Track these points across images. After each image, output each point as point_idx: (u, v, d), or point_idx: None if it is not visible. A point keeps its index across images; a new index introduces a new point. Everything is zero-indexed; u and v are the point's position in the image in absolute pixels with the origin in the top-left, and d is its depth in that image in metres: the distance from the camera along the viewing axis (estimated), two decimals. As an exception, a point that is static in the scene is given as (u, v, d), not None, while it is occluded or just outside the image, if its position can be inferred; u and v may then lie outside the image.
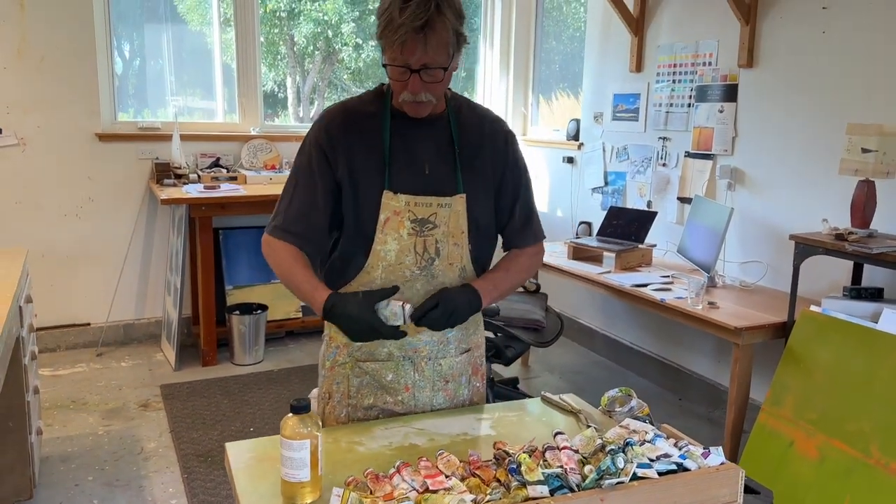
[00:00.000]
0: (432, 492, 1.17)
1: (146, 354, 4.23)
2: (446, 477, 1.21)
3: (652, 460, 1.24)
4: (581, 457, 1.28)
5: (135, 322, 4.41)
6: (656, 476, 1.20)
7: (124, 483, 2.84)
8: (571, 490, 1.17)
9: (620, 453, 1.22)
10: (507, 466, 1.24)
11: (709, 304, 3.02)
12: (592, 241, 3.83)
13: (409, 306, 1.47)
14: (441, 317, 1.49)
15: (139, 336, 4.42)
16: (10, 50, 3.91)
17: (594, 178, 4.38)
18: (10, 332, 2.17)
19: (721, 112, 3.50)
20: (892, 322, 2.38)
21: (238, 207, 4.03)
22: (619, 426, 1.38)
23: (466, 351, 1.71)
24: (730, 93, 3.45)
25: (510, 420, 1.56)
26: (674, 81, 3.78)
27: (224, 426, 3.32)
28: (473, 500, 1.13)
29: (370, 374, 1.63)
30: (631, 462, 1.21)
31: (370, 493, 1.18)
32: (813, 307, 2.66)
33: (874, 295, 2.67)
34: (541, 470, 1.19)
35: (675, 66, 3.76)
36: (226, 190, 4.02)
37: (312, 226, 1.58)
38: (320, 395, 1.71)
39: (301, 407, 1.20)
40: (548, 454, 1.28)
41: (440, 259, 1.59)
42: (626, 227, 3.78)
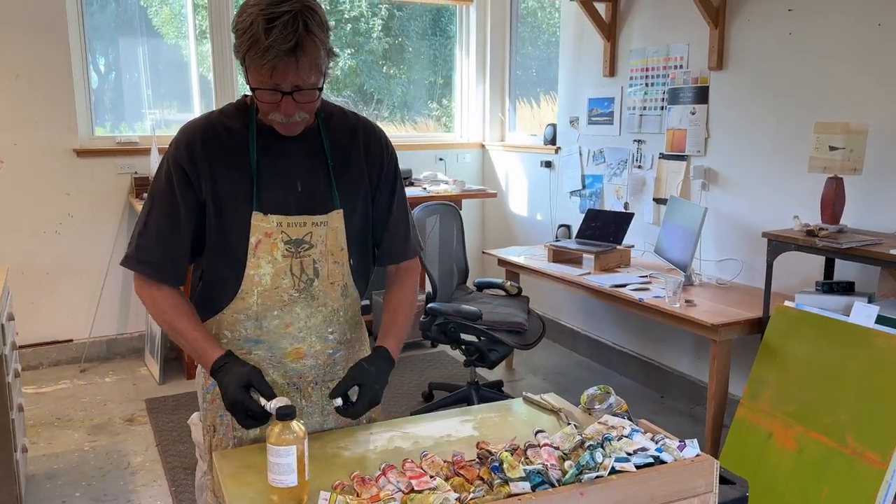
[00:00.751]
0: (417, 492, 1.20)
1: (130, 369, 4.22)
2: (431, 477, 1.24)
3: (629, 454, 1.28)
4: (561, 453, 1.31)
5: (117, 337, 4.40)
6: (634, 469, 1.24)
7: (112, 498, 2.84)
8: (552, 485, 1.20)
9: (599, 448, 1.26)
10: (489, 465, 1.27)
11: (686, 302, 3.07)
12: (572, 243, 3.89)
13: (275, 405, 1.35)
14: (366, 407, 1.44)
15: (122, 351, 4.41)
16: (-15, 68, 3.90)
17: (572, 181, 4.43)
18: (-6, 350, 2.17)
19: (693, 114, 3.57)
20: (864, 315, 2.45)
21: (219, 219, 4.03)
22: (598, 422, 1.42)
23: None
24: (701, 95, 3.53)
25: (493, 421, 1.60)
26: (646, 85, 3.85)
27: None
28: (458, 499, 1.16)
29: None
30: (609, 457, 1.24)
31: (357, 495, 1.21)
32: (787, 302, 2.73)
33: (845, 289, 2.74)
34: (522, 467, 1.22)
35: (647, 69, 3.83)
36: (206, 202, 4.02)
37: (174, 254, 1.48)
38: (205, 427, 1.60)
39: (286, 414, 1.22)
40: (529, 452, 1.31)
41: (319, 279, 1.52)
42: (604, 228, 3.84)
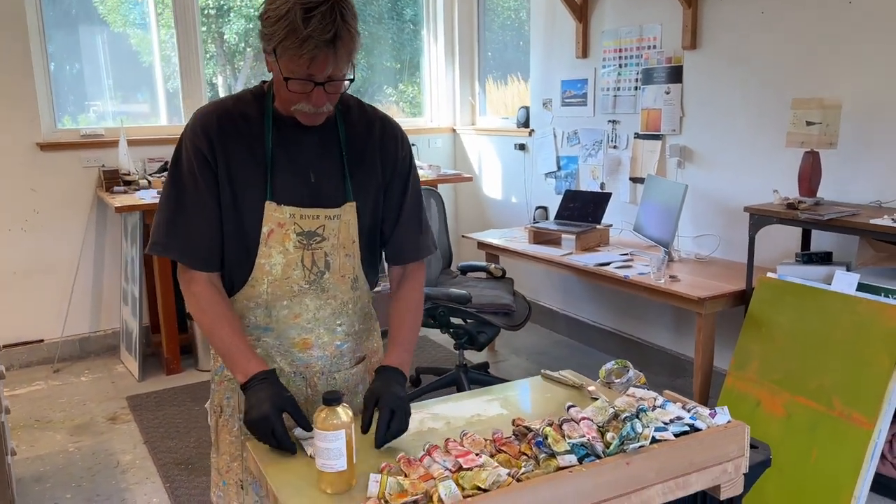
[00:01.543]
0: (466, 469, 1.21)
1: (106, 367, 4.12)
2: (476, 455, 1.26)
3: (666, 423, 1.32)
4: (597, 426, 1.34)
5: (90, 335, 4.29)
6: (673, 437, 1.28)
7: (105, 497, 2.79)
8: (598, 457, 1.23)
9: (636, 419, 1.30)
10: (531, 441, 1.30)
11: (670, 277, 3.15)
12: (552, 224, 3.93)
13: (301, 434, 1.37)
14: (401, 429, 1.39)
15: (96, 349, 4.31)
16: (-60, 60, 3.74)
17: (547, 163, 4.48)
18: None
19: (668, 93, 3.64)
20: (845, 283, 2.55)
21: (193, 211, 3.96)
22: (626, 395, 1.45)
23: (361, 360, 1.64)
24: (675, 74, 3.59)
25: (517, 399, 1.62)
26: (620, 66, 3.90)
27: (199, 433, 3.28)
28: (509, 474, 1.18)
29: None
30: (648, 427, 1.28)
31: (405, 476, 1.22)
32: (770, 274, 2.82)
33: (824, 259, 2.84)
34: (567, 441, 1.25)
35: (620, 50, 3.88)
36: (180, 194, 3.94)
37: (201, 239, 1.46)
38: (212, 407, 1.61)
39: (333, 399, 1.22)
40: (565, 426, 1.34)
41: (330, 272, 1.51)
42: (583, 209, 3.90)
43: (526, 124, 4.63)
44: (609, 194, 3.87)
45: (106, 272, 4.29)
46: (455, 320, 3.30)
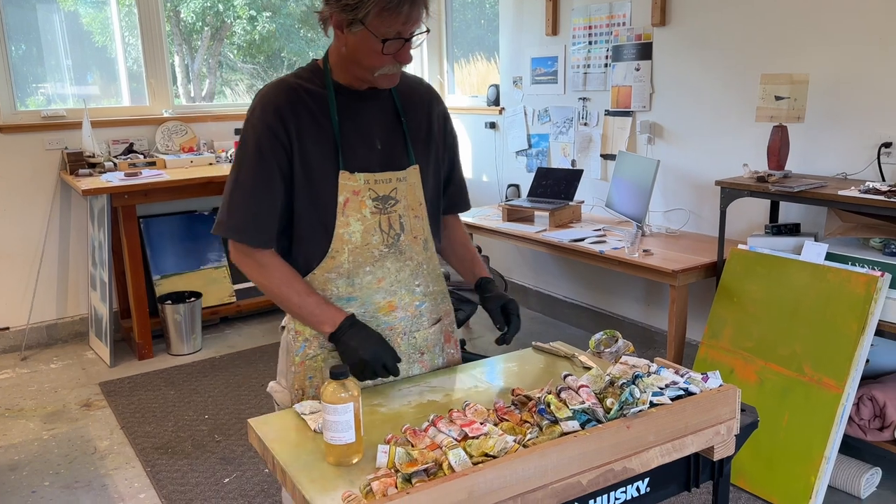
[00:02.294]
0: (472, 438, 1.24)
1: (75, 354, 4.05)
2: (480, 424, 1.29)
3: (661, 388, 1.36)
4: (594, 394, 1.38)
5: (58, 322, 4.21)
6: (669, 402, 1.33)
7: (85, 484, 2.76)
8: (600, 422, 1.27)
9: (633, 385, 1.34)
10: (533, 409, 1.33)
11: (643, 251, 3.21)
12: (525, 201, 3.97)
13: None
14: (518, 325, 1.65)
15: (64, 336, 4.22)
16: None
17: (517, 141, 4.50)
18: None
19: (638, 70, 3.69)
20: (814, 253, 2.63)
21: (162, 194, 3.90)
22: (620, 363, 1.49)
23: (438, 321, 1.72)
24: (645, 51, 3.64)
25: (513, 370, 1.65)
26: (590, 43, 3.93)
27: (177, 416, 3.26)
28: (515, 441, 1.21)
29: None
30: (645, 392, 1.32)
31: (412, 446, 1.24)
32: (741, 245, 2.89)
33: (792, 230, 2.93)
34: (570, 407, 1.28)
35: (590, 27, 3.91)
36: (148, 176, 3.87)
37: (266, 218, 1.50)
38: (292, 391, 1.61)
39: (340, 373, 1.23)
40: (563, 394, 1.37)
41: (405, 234, 1.58)
42: (555, 186, 3.93)
43: (496, 102, 4.64)
44: (581, 171, 3.92)
45: (72, 257, 4.19)
46: (433, 298, 3.31)
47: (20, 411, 3.37)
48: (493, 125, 4.69)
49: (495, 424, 1.30)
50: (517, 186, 4.48)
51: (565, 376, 1.45)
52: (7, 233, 3.99)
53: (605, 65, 3.86)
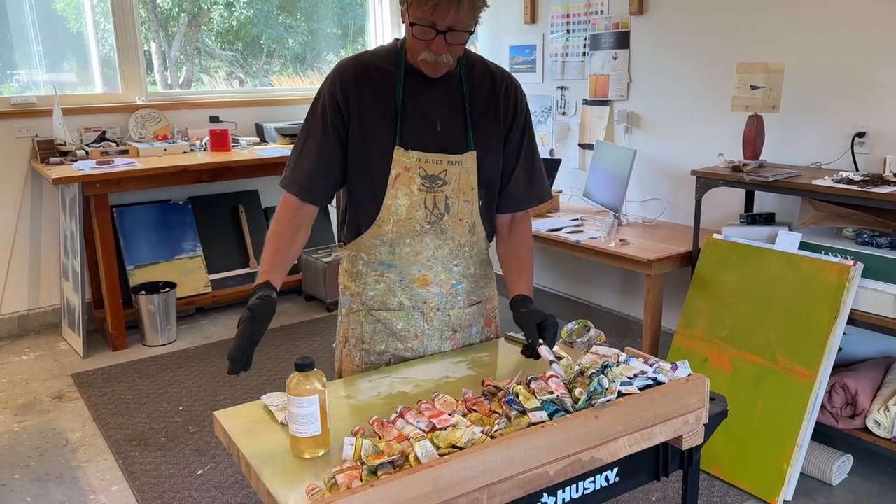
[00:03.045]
0: (440, 429, 1.23)
1: (47, 345, 3.99)
2: (448, 415, 1.27)
3: (630, 378, 1.36)
4: (563, 384, 1.37)
5: (29, 312, 4.14)
6: (638, 391, 1.32)
7: (56, 476, 2.72)
8: (567, 412, 1.26)
9: (602, 375, 1.33)
10: (502, 399, 1.32)
11: (620, 241, 3.21)
12: (502, 190, 3.95)
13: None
14: (553, 342, 1.56)
15: (36, 327, 4.16)
16: None
17: (496, 129, 4.48)
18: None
19: (615, 59, 3.68)
20: (788, 242, 2.65)
21: (135, 182, 3.84)
22: (590, 353, 1.49)
23: (477, 303, 1.78)
24: (622, 40, 3.63)
25: (484, 360, 1.64)
26: (568, 31, 3.92)
27: (150, 408, 3.22)
28: (483, 432, 1.20)
29: (382, 321, 1.69)
30: (614, 382, 1.32)
31: (379, 438, 1.23)
32: (716, 235, 2.90)
33: (767, 220, 2.94)
34: (538, 398, 1.27)
35: (568, 16, 3.90)
36: (121, 164, 3.81)
37: (322, 177, 1.61)
38: (338, 338, 1.78)
39: (305, 364, 1.22)
40: (533, 384, 1.36)
41: (450, 214, 1.64)
42: (533, 175, 3.92)
43: (474, 91, 4.61)
44: (559, 160, 3.91)
45: (44, 247, 4.13)
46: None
47: (-10, 403, 3.32)
48: (471, 114, 4.66)
49: (464, 415, 1.29)
50: (495, 176, 4.47)
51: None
52: (-24, 222, 3.92)
53: (584, 53, 3.85)
